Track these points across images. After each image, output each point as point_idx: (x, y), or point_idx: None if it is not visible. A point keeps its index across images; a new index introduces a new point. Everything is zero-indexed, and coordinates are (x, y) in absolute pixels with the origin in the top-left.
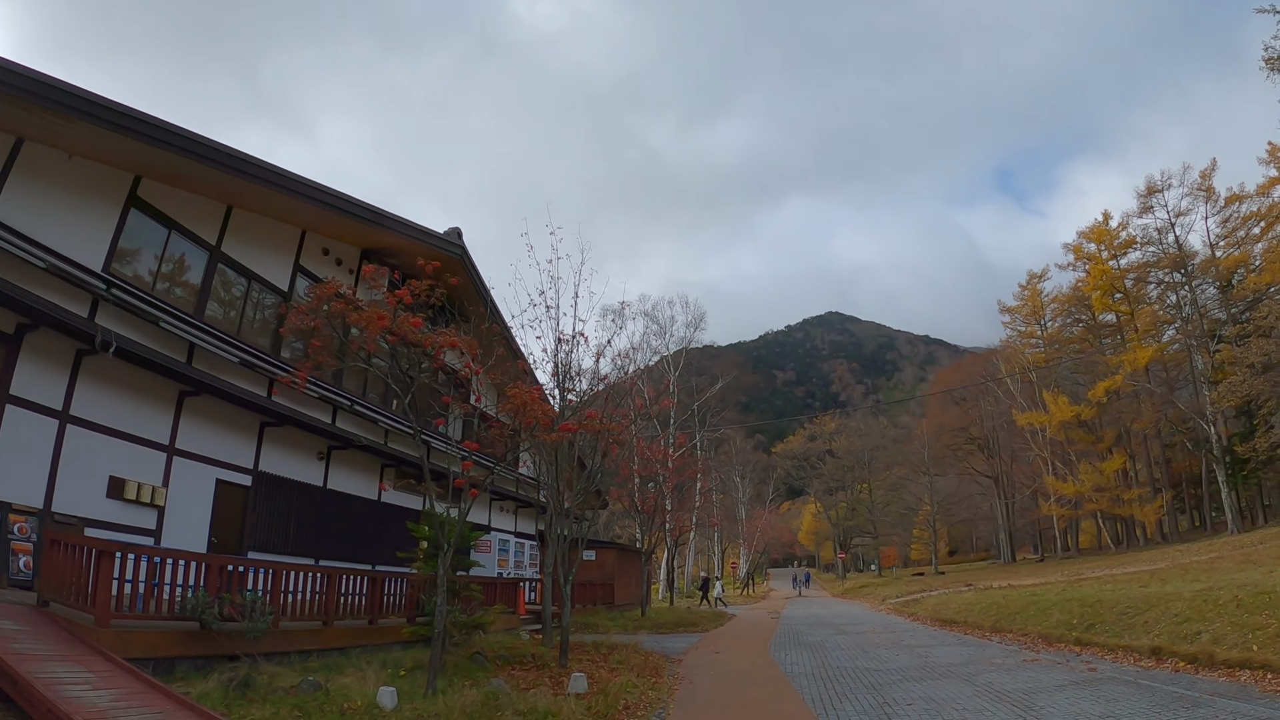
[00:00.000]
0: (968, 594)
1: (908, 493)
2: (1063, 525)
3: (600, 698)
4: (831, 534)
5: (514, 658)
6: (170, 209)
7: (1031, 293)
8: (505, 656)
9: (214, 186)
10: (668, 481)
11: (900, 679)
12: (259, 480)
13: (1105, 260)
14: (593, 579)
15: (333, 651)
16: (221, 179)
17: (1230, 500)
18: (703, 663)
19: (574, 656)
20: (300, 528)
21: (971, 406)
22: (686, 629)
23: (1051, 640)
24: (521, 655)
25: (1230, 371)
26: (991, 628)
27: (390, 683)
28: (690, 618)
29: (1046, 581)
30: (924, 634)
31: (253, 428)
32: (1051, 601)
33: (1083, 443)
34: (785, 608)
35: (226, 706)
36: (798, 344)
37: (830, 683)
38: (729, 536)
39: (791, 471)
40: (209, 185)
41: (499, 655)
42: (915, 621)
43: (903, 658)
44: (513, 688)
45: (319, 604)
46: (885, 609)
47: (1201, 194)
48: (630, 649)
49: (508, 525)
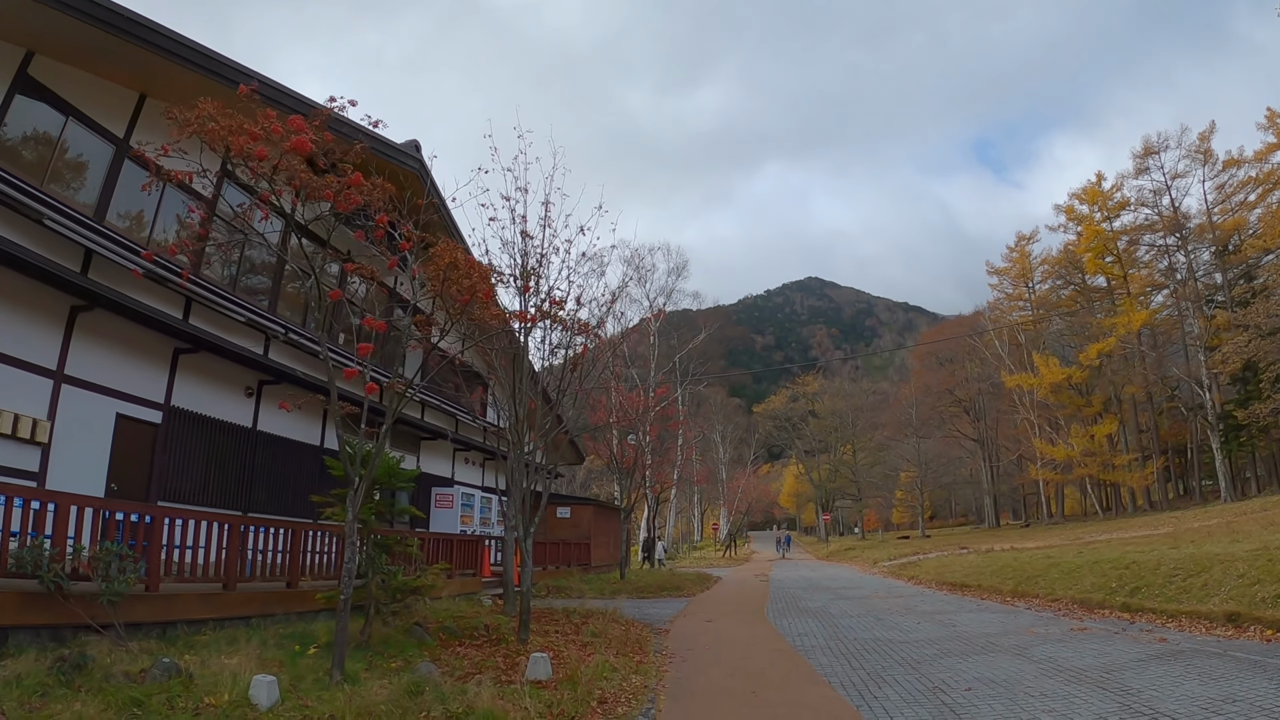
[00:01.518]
0: (970, 557)
1: (894, 454)
2: (1051, 490)
3: (567, 687)
4: (814, 496)
5: (464, 630)
6: (69, 93)
7: (1020, 254)
8: (453, 629)
9: (125, 68)
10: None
11: (937, 654)
12: (172, 417)
13: (1098, 222)
14: (567, 538)
15: (235, 622)
16: (133, 57)
17: (1224, 468)
18: (694, 634)
19: (541, 627)
20: (224, 475)
21: (957, 368)
22: (670, 593)
23: (1090, 606)
24: (474, 627)
25: (1226, 337)
26: (1012, 592)
27: (291, 664)
28: (674, 580)
29: (1048, 545)
30: (936, 599)
31: (164, 354)
32: (1076, 564)
33: (1071, 406)
34: (772, 570)
35: (42, 695)
36: (777, 308)
37: (854, 659)
38: (709, 498)
39: (773, 432)
40: (118, 66)
41: (445, 627)
42: (919, 585)
43: (926, 626)
44: (452, 672)
45: (220, 563)
46: (879, 572)
47: (1199, 156)
48: (608, 617)
49: (473, 479)
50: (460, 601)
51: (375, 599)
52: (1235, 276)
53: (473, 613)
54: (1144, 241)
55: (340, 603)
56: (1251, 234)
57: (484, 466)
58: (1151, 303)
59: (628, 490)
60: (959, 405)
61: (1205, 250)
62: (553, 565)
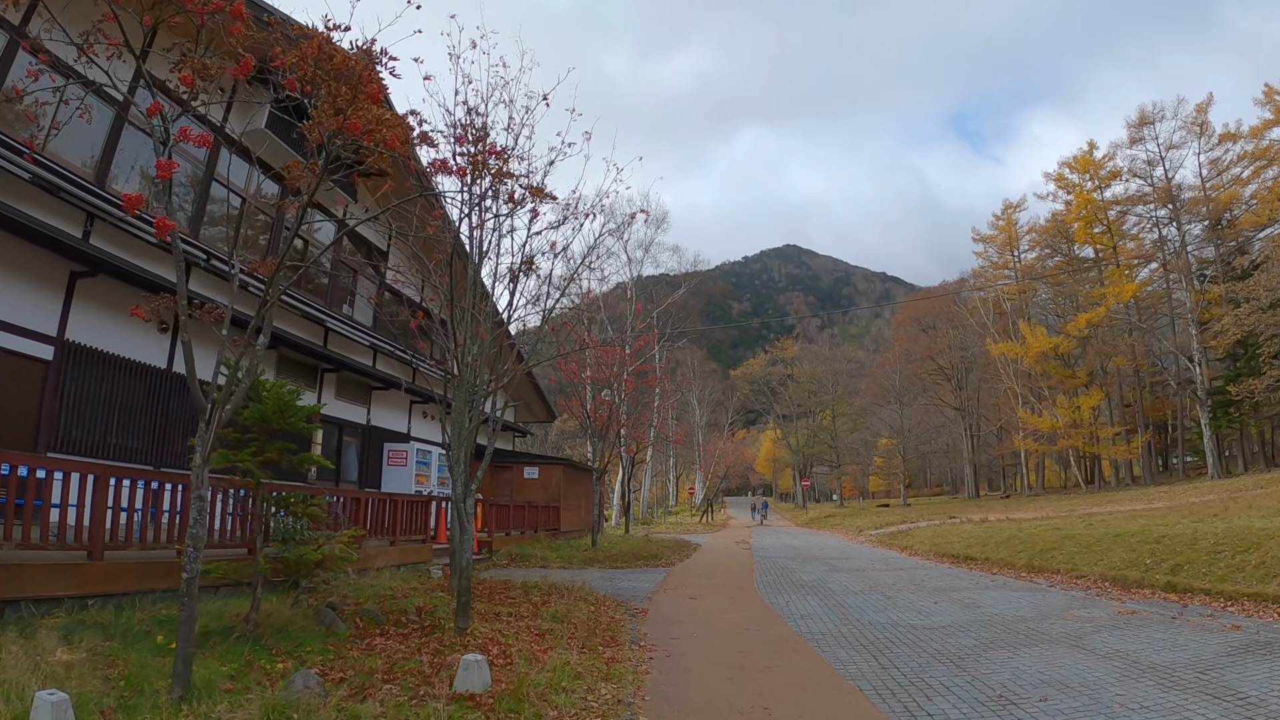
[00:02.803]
0: (965, 527)
1: (875, 419)
2: (1034, 461)
3: (508, 706)
4: (791, 462)
5: (390, 613)
6: None
7: (1007, 222)
8: (375, 613)
9: None
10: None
11: (977, 645)
12: (66, 354)
13: (1089, 191)
14: (535, 500)
15: (101, 601)
16: None
17: (1211, 444)
18: (677, 616)
19: (490, 608)
20: (132, 423)
21: (940, 335)
22: (647, 562)
23: (1126, 585)
24: (404, 609)
25: (1219, 311)
26: (1027, 567)
27: (139, 665)
28: (650, 548)
29: (1043, 516)
30: (942, 573)
31: (58, 279)
32: (1093, 537)
33: (1057, 377)
34: (753, 538)
35: None
36: (755, 275)
37: (879, 652)
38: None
39: (750, 396)
40: None
41: (365, 610)
42: (916, 557)
43: (948, 608)
44: (351, 680)
45: (82, 525)
46: (867, 541)
47: (1195, 129)
48: (574, 594)
49: (433, 435)
50: (404, 574)
51: (263, 574)
52: (1228, 251)
53: (409, 589)
54: (1134, 213)
55: (184, 583)
56: (1247, 208)
57: (444, 422)
58: (1139, 275)
59: (601, 450)
60: (941, 373)
61: (1198, 224)
62: (517, 530)
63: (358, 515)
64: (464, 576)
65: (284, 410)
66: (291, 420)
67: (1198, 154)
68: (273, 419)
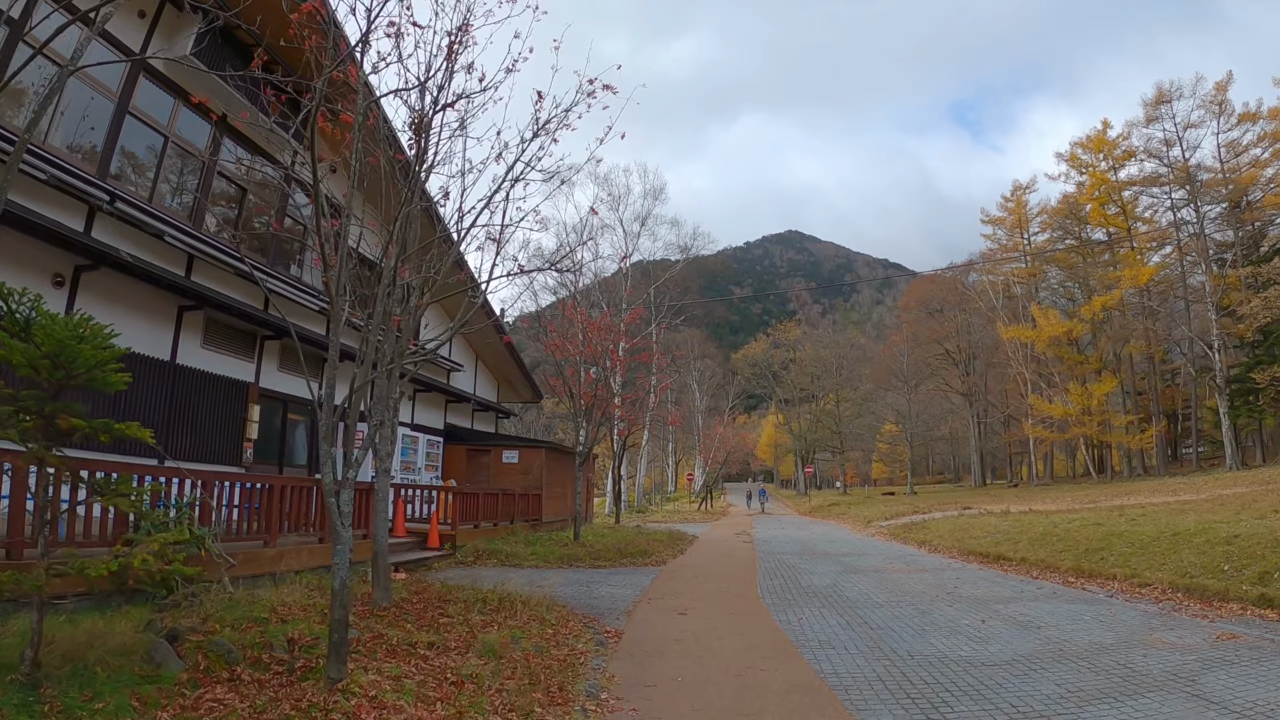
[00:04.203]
0: (986, 520)
1: (882, 404)
2: (1044, 450)
3: None
4: (793, 447)
5: (252, 646)
6: None
7: (1017, 203)
8: (229, 646)
9: None
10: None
11: (1061, 693)
12: None
13: (1104, 171)
14: (514, 488)
15: None
16: None
17: (1230, 434)
18: (659, 643)
19: (408, 635)
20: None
21: (947, 319)
22: (635, 560)
23: (1205, 596)
24: (270, 642)
25: (1238, 296)
26: (1074, 570)
27: None
28: (639, 542)
29: (1070, 508)
30: (974, 576)
31: None
32: (1148, 535)
33: (1069, 362)
34: (754, 528)
35: None
36: (755, 260)
37: (935, 712)
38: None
39: (752, 380)
40: None
41: (217, 642)
42: (938, 554)
43: (1000, 628)
44: None
45: None
46: (878, 533)
47: (1214, 107)
48: (532, 609)
49: (400, 414)
50: (324, 579)
51: (39, 589)
52: (1248, 235)
53: (307, 605)
54: (1149, 194)
55: None
56: (1272, 189)
57: (414, 400)
58: (1152, 260)
59: (587, 432)
60: (948, 357)
61: (1215, 206)
62: (489, 521)
63: (270, 506)
64: (341, 603)
65: (64, 354)
66: (81, 369)
67: (1216, 134)
68: (46, 366)
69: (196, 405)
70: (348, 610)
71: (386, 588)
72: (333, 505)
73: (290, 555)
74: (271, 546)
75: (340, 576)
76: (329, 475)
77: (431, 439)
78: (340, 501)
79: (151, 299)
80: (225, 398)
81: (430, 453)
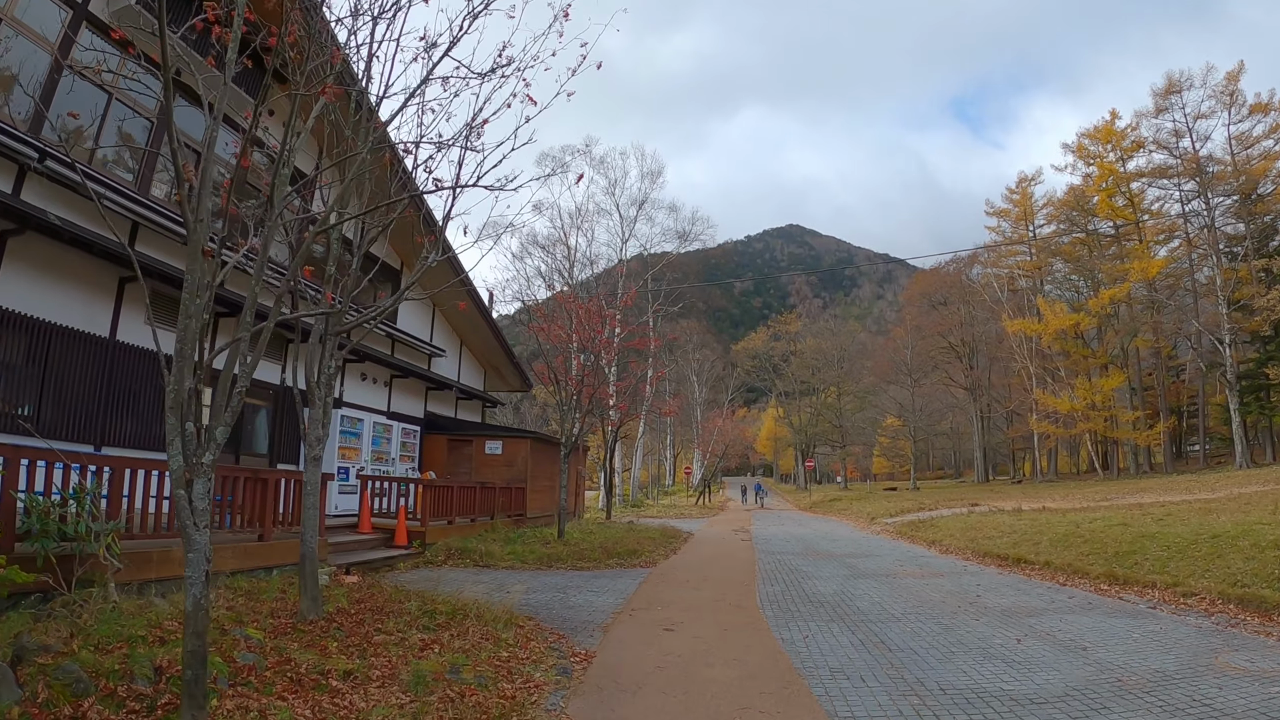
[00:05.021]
0: (998, 518)
1: (885, 396)
2: (1050, 445)
3: None
4: (794, 441)
5: (111, 675)
6: None
7: (1022, 195)
8: (81, 674)
9: None
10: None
11: None
12: None
13: (1112, 162)
14: (496, 480)
15: None
16: None
17: (1240, 431)
18: (636, 672)
19: (324, 661)
20: None
21: (952, 312)
22: (622, 560)
23: (1264, 609)
24: (131, 670)
25: (1249, 290)
26: (1106, 576)
27: None
28: (630, 540)
29: (1086, 506)
30: (996, 582)
31: None
32: (1182, 538)
33: (1075, 356)
34: (753, 525)
35: None
36: (757, 254)
37: None
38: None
39: (752, 372)
40: None
41: (65, 668)
42: (950, 556)
43: (1039, 651)
44: None
45: None
46: (883, 531)
47: (1225, 98)
48: (490, 622)
49: (372, 401)
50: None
51: None
52: (1260, 228)
53: (216, 616)
54: (1158, 185)
55: None
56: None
57: (390, 386)
58: (1159, 253)
59: (574, 421)
60: (951, 351)
61: (1226, 199)
62: (466, 517)
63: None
64: (196, 631)
65: None
66: None
67: (1227, 125)
68: None
69: (140, 388)
70: (204, 639)
71: (315, 597)
72: (181, 499)
73: (220, 555)
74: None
75: (194, 595)
76: (176, 459)
77: (407, 427)
78: (193, 495)
79: (88, 269)
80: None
81: (406, 442)
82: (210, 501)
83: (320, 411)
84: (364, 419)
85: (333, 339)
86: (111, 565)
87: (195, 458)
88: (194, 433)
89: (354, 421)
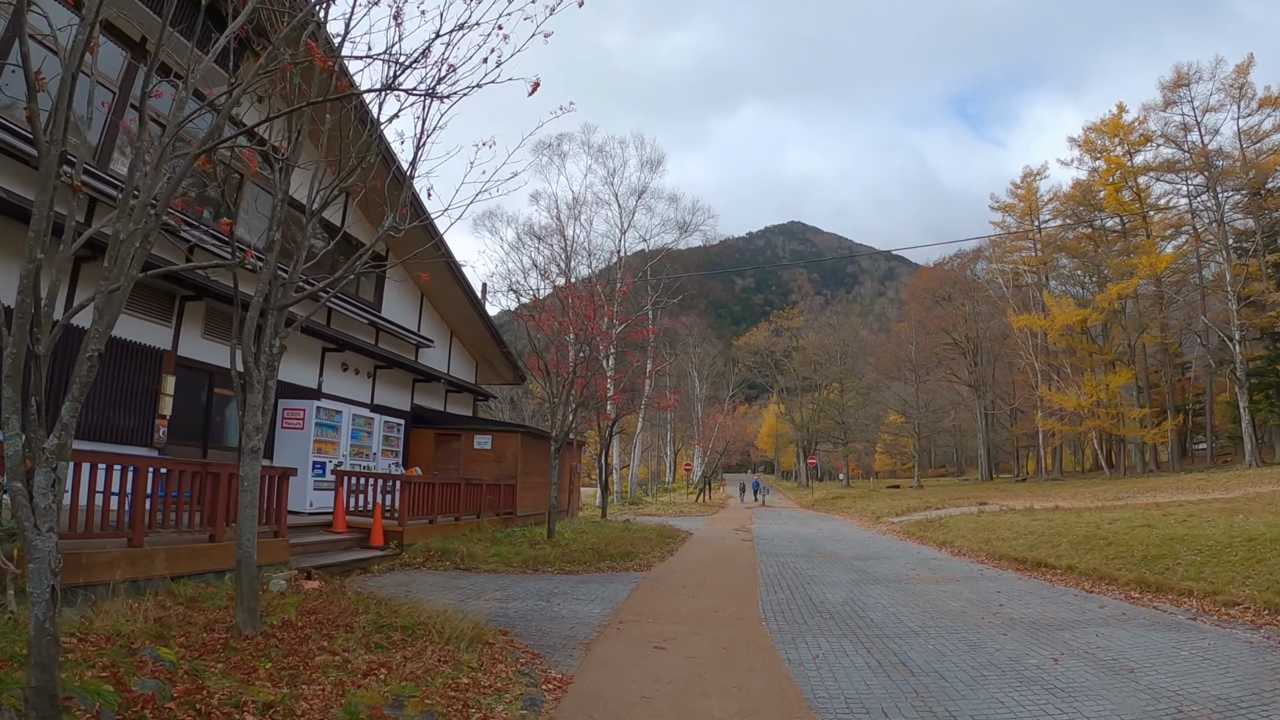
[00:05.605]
0: (1016, 519)
1: (888, 392)
2: (1056, 443)
3: None
4: (795, 438)
5: None
6: None
7: (1028, 190)
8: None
9: None
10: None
11: None
12: None
13: (1120, 156)
14: (485, 477)
15: None
16: None
17: (1249, 429)
18: (618, 705)
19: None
20: None
21: (955, 307)
22: (615, 563)
23: None
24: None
25: (1259, 286)
26: (1136, 582)
27: None
28: (625, 541)
29: (1101, 505)
30: (1017, 588)
31: None
32: (1215, 541)
33: (1082, 352)
34: (754, 524)
35: None
36: (758, 251)
37: None
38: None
39: (753, 368)
40: None
41: None
42: (963, 558)
43: (1083, 674)
44: None
45: None
46: (890, 531)
47: (1234, 91)
48: (453, 639)
49: (354, 393)
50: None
51: None
52: (1269, 223)
53: (133, 630)
54: (1165, 180)
55: None
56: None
57: (374, 378)
58: (1166, 248)
59: (566, 416)
60: (955, 347)
61: (1235, 194)
62: (450, 515)
63: (138, 494)
64: (41, 660)
65: None
66: None
67: (1236, 119)
68: None
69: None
70: (54, 670)
71: (253, 609)
72: (19, 494)
73: (163, 557)
74: (136, 545)
75: (36, 617)
76: (13, 444)
77: (390, 421)
78: (33, 489)
79: None
80: (134, 367)
81: (389, 436)
82: (56, 498)
83: (260, 397)
84: (343, 411)
85: (276, 313)
86: (10, 570)
87: (37, 442)
88: (36, 409)
89: (331, 414)
